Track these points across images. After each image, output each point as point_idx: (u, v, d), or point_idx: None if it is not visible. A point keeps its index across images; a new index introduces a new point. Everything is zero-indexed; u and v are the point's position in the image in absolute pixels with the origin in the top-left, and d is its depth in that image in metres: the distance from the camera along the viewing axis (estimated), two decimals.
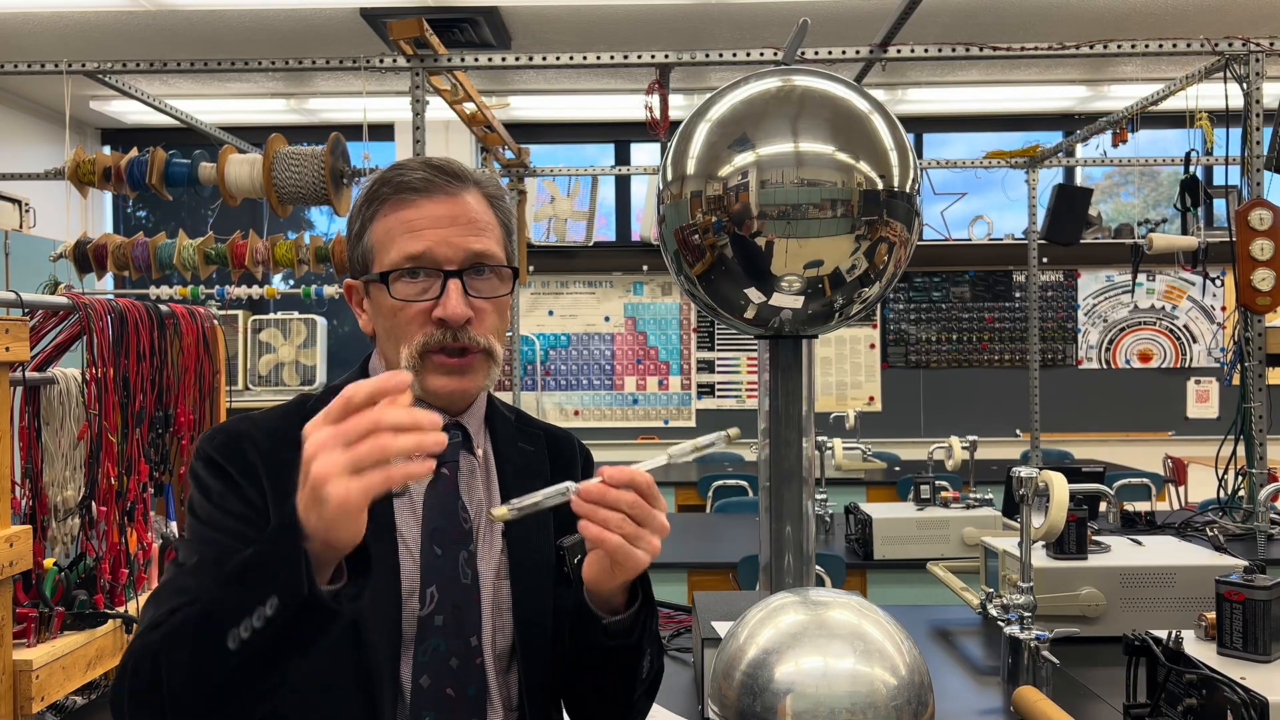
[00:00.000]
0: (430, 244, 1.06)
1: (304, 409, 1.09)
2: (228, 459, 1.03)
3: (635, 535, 0.96)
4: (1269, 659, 1.48)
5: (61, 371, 1.99)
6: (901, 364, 6.75)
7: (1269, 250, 3.14)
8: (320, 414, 0.83)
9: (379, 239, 1.09)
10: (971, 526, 2.94)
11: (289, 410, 1.10)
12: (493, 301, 1.10)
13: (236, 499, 1.02)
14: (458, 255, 1.07)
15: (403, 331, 1.07)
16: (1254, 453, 3.25)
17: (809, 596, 1.13)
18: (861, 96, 1.37)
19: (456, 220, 1.08)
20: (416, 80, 3.35)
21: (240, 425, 1.07)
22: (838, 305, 1.37)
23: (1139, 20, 4.98)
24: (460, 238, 1.07)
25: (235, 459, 1.03)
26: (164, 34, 5.02)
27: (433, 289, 1.06)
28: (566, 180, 6.43)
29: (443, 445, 0.84)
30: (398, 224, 1.07)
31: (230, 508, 1.01)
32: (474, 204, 1.10)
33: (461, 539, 1.09)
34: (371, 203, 1.10)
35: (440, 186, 1.08)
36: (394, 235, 1.07)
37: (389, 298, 1.07)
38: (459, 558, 1.08)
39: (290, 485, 0.96)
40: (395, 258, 1.06)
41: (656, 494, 0.98)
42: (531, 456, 1.20)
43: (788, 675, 1.02)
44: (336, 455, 0.80)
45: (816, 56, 3.39)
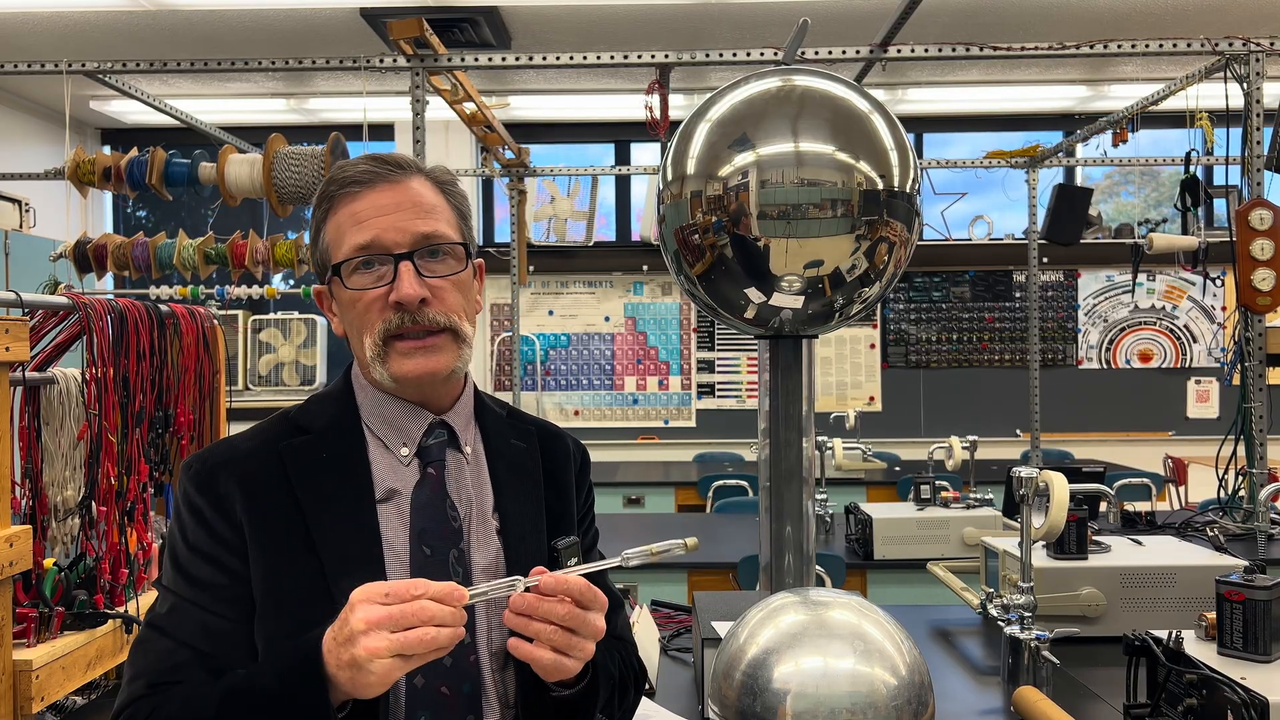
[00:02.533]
0: (377, 231, 1.07)
1: (286, 422, 1.12)
2: (201, 492, 1.05)
3: (566, 645, 0.95)
4: (1269, 659, 1.48)
5: (61, 371, 1.99)
6: (901, 364, 6.75)
7: (1269, 250, 3.13)
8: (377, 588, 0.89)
9: (332, 237, 1.10)
10: (972, 526, 2.94)
11: (269, 428, 1.11)
12: (451, 280, 1.10)
13: (207, 538, 1.04)
14: (405, 238, 1.07)
15: (363, 321, 1.08)
16: (1254, 453, 3.25)
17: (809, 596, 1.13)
18: (861, 96, 1.37)
19: (401, 206, 1.08)
20: (416, 80, 3.35)
21: (217, 453, 1.08)
22: (838, 305, 1.37)
23: (1139, 20, 4.98)
24: (407, 221, 1.07)
25: (208, 492, 1.05)
26: (164, 34, 5.02)
27: (386, 275, 1.07)
28: (566, 180, 6.42)
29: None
30: (346, 218, 1.08)
31: (201, 548, 1.04)
32: (420, 189, 1.10)
33: (451, 537, 1.09)
34: (322, 204, 1.11)
35: (383, 176, 1.09)
36: (344, 230, 1.08)
37: (343, 291, 1.08)
38: (449, 556, 1.08)
39: (270, 508, 1.03)
40: (346, 250, 1.07)
41: (593, 596, 0.97)
42: (524, 453, 1.20)
43: (788, 675, 1.02)
44: (385, 637, 0.86)
45: (816, 56, 3.39)
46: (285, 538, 1.03)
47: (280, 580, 1.02)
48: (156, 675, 1.01)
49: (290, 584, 1.02)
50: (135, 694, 1.01)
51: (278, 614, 1.01)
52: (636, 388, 6.81)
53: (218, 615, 1.02)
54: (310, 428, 1.10)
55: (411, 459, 1.11)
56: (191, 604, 1.03)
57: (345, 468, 1.08)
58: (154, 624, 1.04)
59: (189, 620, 1.02)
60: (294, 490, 1.05)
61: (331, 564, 1.02)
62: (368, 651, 0.86)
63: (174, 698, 0.98)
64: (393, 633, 0.86)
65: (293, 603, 1.01)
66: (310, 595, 1.01)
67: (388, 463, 1.10)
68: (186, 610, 1.02)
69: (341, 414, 1.12)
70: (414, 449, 1.11)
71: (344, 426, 1.11)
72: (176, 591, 1.04)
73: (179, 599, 1.04)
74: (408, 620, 0.86)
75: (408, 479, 1.10)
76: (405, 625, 0.86)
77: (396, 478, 1.10)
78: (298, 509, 1.04)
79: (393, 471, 1.10)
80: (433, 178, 1.14)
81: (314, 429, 1.10)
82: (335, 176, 1.10)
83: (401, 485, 1.09)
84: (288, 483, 1.05)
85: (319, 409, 1.13)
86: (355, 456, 1.09)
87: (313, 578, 1.02)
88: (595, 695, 1.07)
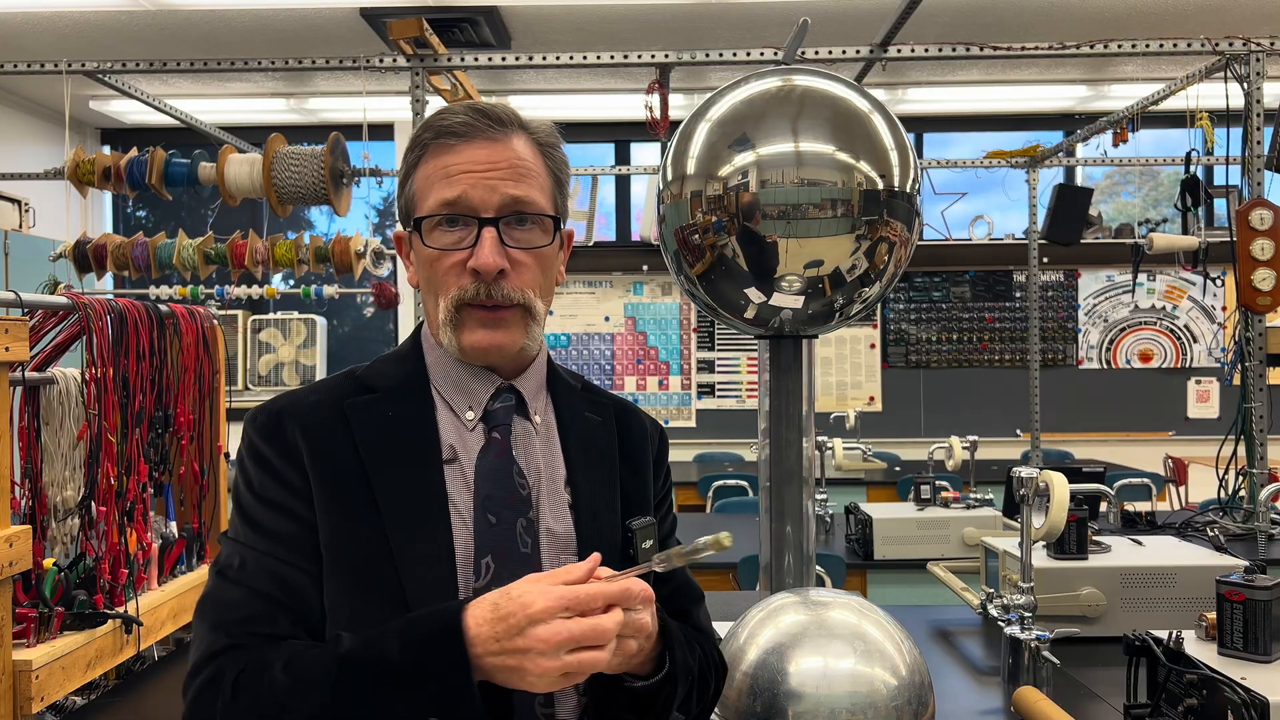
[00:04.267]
0: (465, 188, 1.01)
1: (353, 380, 1.08)
2: (268, 441, 1.02)
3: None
4: (1269, 659, 1.48)
5: (61, 371, 1.99)
6: (902, 364, 6.75)
7: (1269, 250, 3.13)
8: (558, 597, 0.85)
9: (420, 186, 1.05)
10: (972, 526, 2.93)
11: (334, 384, 1.08)
12: (533, 254, 1.04)
13: (276, 486, 1.01)
14: (494, 201, 1.02)
15: (439, 283, 1.04)
16: (1254, 453, 3.25)
17: (809, 597, 1.13)
18: (862, 96, 1.37)
19: (496, 165, 1.02)
20: (416, 80, 3.35)
21: (282, 403, 1.05)
22: (838, 305, 1.37)
23: (1139, 20, 4.98)
24: (499, 182, 1.02)
25: (275, 440, 1.02)
26: (164, 34, 5.02)
27: (467, 238, 1.02)
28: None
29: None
30: (436, 170, 1.03)
31: (270, 496, 1.01)
32: (520, 148, 1.05)
33: (518, 506, 1.04)
34: (414, 149, 1.06)
35: (482, 131, 1.03)
36: (432, 182, 1.03)
37: (424, 247, 1.04)
38: (517, 525, 1.03)
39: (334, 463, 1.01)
40: (432, 204, 1.03)
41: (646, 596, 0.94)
42: (598, 427, 1.15)
43: (788, 675, 1.02)
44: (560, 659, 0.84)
45: (816, 56, 3.39)
46: (349, 494, 0.99)
47: (342, 536, 0.99)
48: (236, 626, 0.96)
49: (352, 541, 0.99)
50: (216, 646, 0.95)
51: (338, 570, 0.98)
52: (636, 388, 6.81)
53: (292, 566, 0.98)
54: (376, 386, 1.06)
55: (476, 423, 1.06)
56: (264, 554, 0.98)
57: (411, 427, 1.04)
58: (224, 574, 1.00)
59: (261, 571, 0.98)
60: (357, 447, 1.01)
61: (394, 524, 0.99)
62: (540, 670, 0.84)
63: (272, 657, 0.92)
64: (569, 654, 0.84)
65: (355, 560, 0.98)
66: (372, 553, 0.98)
67: (453, 426, 1.06)
68: (259, 560, 0.98)
69: (409, 374, 1.08)
70: (479, 413, 1.07)
71: (411, 387, 1.07)
72: (246, 543, 1.00)
73: (249, 550, 0.99)
74: (588, 641, 0.84)
75: (472, 443, 1.06)
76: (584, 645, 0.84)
77: (460, 441, 1.06)
78: (360, 466, 1.00)
79: (457, 435, 1.06)
80: (535, 137, 1.07)
81: (380, 388, 1.06)
82: (432, 123, 1.04)
83: (465, 448, 1.05)
84: (352, 439, 1.01)
85: (387, 369, 1.09)
86: (422, 417, 1.05)
87: (374, 536, 0.98)
88: (674, 690, 1.01)
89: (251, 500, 1.01)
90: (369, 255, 3.58)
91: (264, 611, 0.96)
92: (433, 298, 1.05)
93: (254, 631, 0.96)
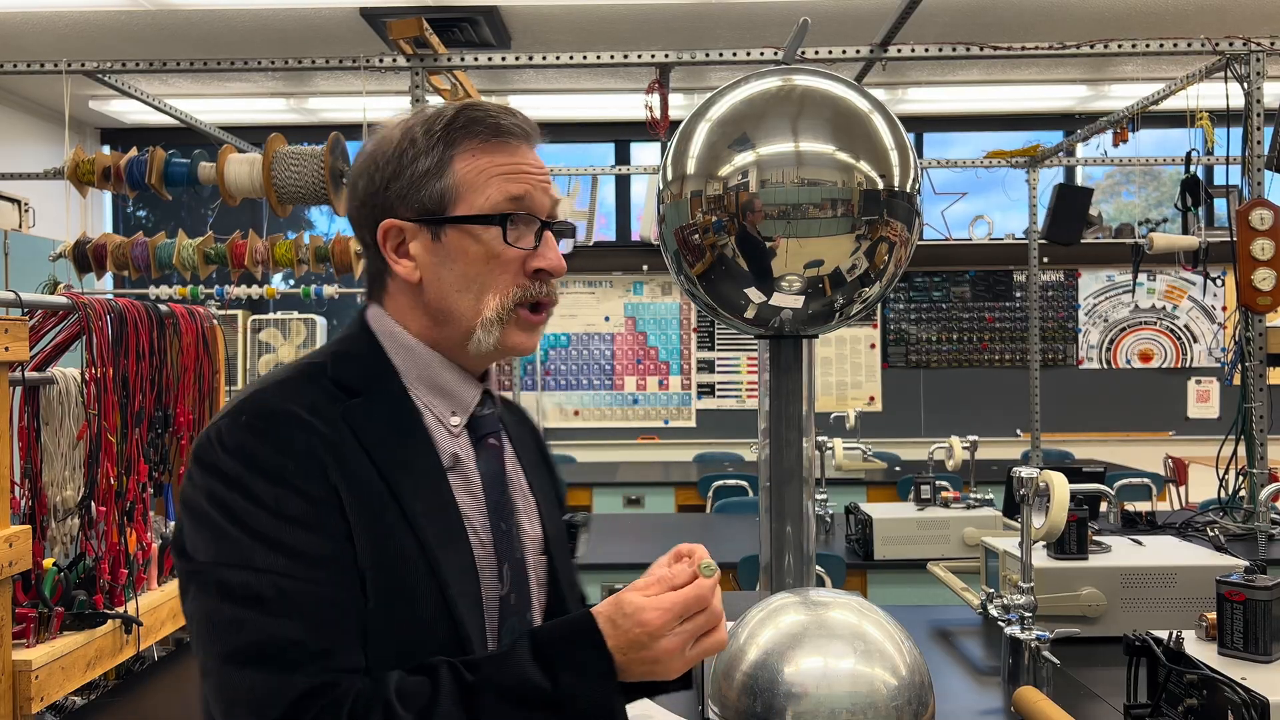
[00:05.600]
0: (529, 189, 1.00)
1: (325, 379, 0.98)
2: (281, 451, 0.90)
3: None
4: (1269, 659, 1.48)
5: (61, 371, 1.99)
6: (902, 364, 6.75)
7: (1270, 250, 3.13)
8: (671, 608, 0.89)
9: (467, 178, 0.98)
10: (972, 526, 2.93)
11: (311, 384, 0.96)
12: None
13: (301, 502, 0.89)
14: (548, 205, 1.02)
15: (495, 281, 0.99)
16: (1254, 453, 3.25)
17: (809, 597, 1.13)
18: (862, 96, 1.37)
19: (544, 171, 1.03)
20: (416, 80, 3.35)
21: (274, 405, 0.93)
22: (838, 305, 1.37)
23: (1139, 20, 4.98)
24: (549, 187, 1.03)
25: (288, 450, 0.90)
26: (164, 34, 5.02)
27: (526, 238, 1.00)
28: (566, 180, 6.42)
29: None
30: (493, 165, 0.99)
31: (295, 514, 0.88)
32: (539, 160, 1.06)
33: (512, 511, 1.05)
34: (455, 139, 0.98)
35: (530, 137, 1.03)
36: (490, 176, 0.98)
37: (478, 243, 0.98)
38: (513, 531, 1.04)
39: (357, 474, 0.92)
40: (497, 200, 0.98)
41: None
42: (522, 426, 1.17)
43: (788, 675, 1.02)
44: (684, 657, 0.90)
45: (816, 56, 3.39)
46: (380, 509, 0.92)
47: (385, 554, 0.91)
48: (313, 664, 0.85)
49: (395, 559, 0.92)
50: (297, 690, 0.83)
51: (382, 590, 0.90)
52: (636, 388, 6.81)
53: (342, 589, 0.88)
54: (356, 389, 0.97)
55: (462, 429, 1.03)
56: (308, 581, 0.87)
57: (411, 435, 0.99)
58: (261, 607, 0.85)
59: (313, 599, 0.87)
60: (371, 458, 0.93)
61: (429, 537, 0.94)
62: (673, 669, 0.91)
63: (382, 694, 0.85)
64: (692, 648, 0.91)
65: (399, 580, 0.92)
66: (416, 571, 0.92)
67: (442, 432, 1.01)
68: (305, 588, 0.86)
69: (381, 376, 1.00)
70: (464, 418, 1.03)
71: (390, 390, 1.00)
72: (279, 571, 0.86)
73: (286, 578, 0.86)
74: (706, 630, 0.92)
75: (463, 449, 1.02)
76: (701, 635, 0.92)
77: (456, 447, 1.02)
78: (380, 477, 0.93)
79: (449, 441, 1.01)
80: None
81: (362, 391, 0.97)
82: (479, 118, 0.99)
83: (464, 455, 1.02)
84: (362, 448, 0.93)
85: (355, 369, 0.99)
86: (414, 423, 0.99)
87: (413, 552, 0.93)
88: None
89: (270, 520, 0.88)
90: None
91: (339, 644, 0.87)
92: (476, 295, 0.99)
93: (339, 667, 0.86)
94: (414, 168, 0.98)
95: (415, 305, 1.01)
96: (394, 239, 1.00)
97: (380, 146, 1.00)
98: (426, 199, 0.98)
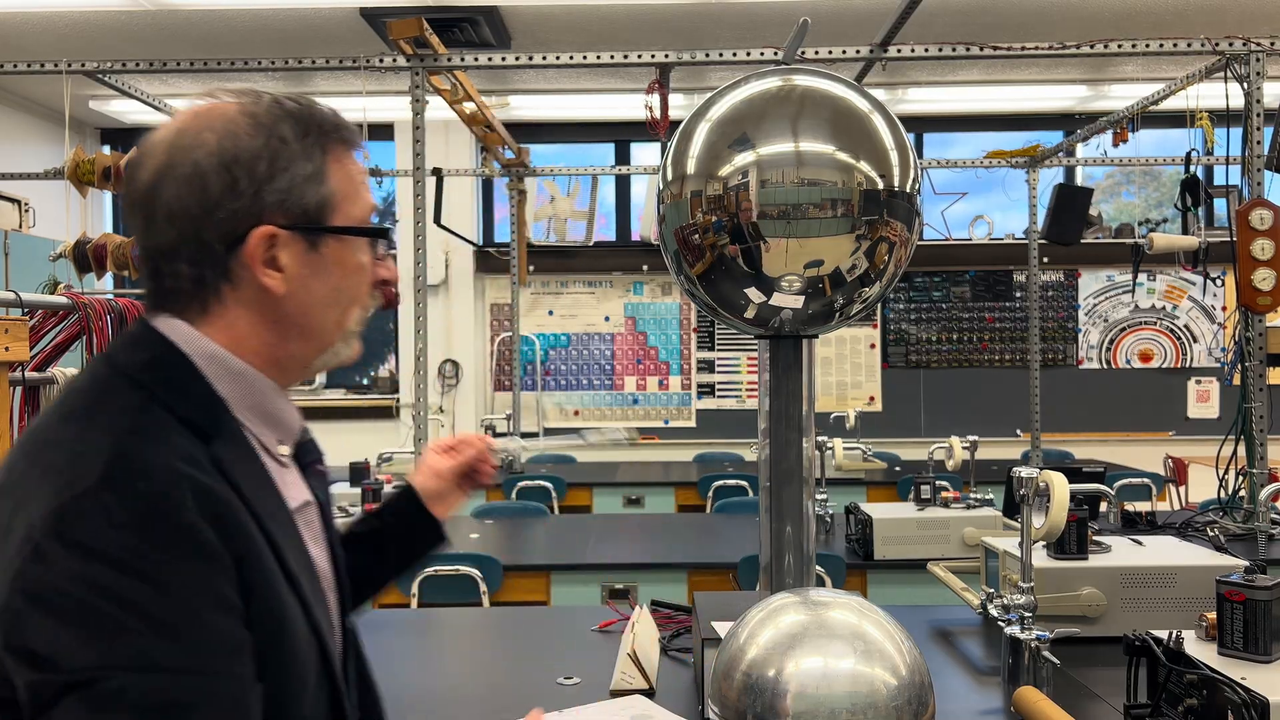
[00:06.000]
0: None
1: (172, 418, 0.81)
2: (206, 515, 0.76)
3: None
4: (1269, 659, 1.48)
5: (61, 371, 1.99)
6: (902, 364, 6.75)
7: (1269, 250, 3.13)
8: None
9: (341, 186, 0.90)
10: (972, 526, 2.93)
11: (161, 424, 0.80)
12: None
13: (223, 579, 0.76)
14: None
15: (360, 293, 0.93)
16: (1254, 453, 3.25)
17: (809, 597, 1.13)
18: (862, 96, 1.37)
19: None
20: (416, 80, 3.35)
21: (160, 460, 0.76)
22: (838, 305, 1.37)
23: (1139, 20, 4.98)
24: None
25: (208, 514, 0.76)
26: (164, 34, 5.02)
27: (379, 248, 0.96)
28: (566, 180, 6.43)
29: None
30: (357, 172, 0.93)
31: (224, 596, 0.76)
32: None
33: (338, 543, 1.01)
34: (327, 143, 0.90)
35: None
36: (358, 187, 0.93)
37: (354, 254, 0.91)
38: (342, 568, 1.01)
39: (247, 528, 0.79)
40: (365, 211, 0.93)
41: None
42: None
43: (788, 675, 1.02)
44: None
45: (816, 56, 3.39)
46: (272, 573, 0.81)
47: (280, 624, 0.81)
48: None
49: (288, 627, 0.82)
50: None
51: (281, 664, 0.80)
52: (636, 388, 6.81)
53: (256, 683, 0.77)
54: (204, 427, 0.82)
55: (290, 459, 0.94)
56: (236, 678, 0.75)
57: (263, 477, 0.87)
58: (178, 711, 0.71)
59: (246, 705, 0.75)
60: (252, 511, 0.81)
61: (308, 595, 0.86)
62: None
63: None
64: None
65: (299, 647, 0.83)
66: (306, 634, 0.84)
67: (275, 468, 0.90)
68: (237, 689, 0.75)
69: (212, 410, 0.85)
70: (291, 446, 0.94)
71: (222, 422, 0.85)
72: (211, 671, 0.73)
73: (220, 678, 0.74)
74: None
75: (294, 483, 0.93)
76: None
77: (292, 484, 0.92)
78: (263, 534, 0.82)
79: (282, 476, 0.90)
80: None
81: (209, 430, 0.83)
82: (336, 121, 0.92)
83: (303, 493, 0.94)
84: (243, 501, 0.81)
85: (189, 403, 0.83)
86: (261, 463, 0.87)
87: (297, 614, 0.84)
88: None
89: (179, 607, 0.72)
90: None
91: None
92: (341, 309, 0.91)
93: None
94: (294, 171, 0.87)
95: (262, 322, 0.87)
96: (265, 249, 0.86)
97: (230, 143, 0.86)
98: (309, 206, 0.88)
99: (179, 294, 0.86)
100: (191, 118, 0.88)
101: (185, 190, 0.84)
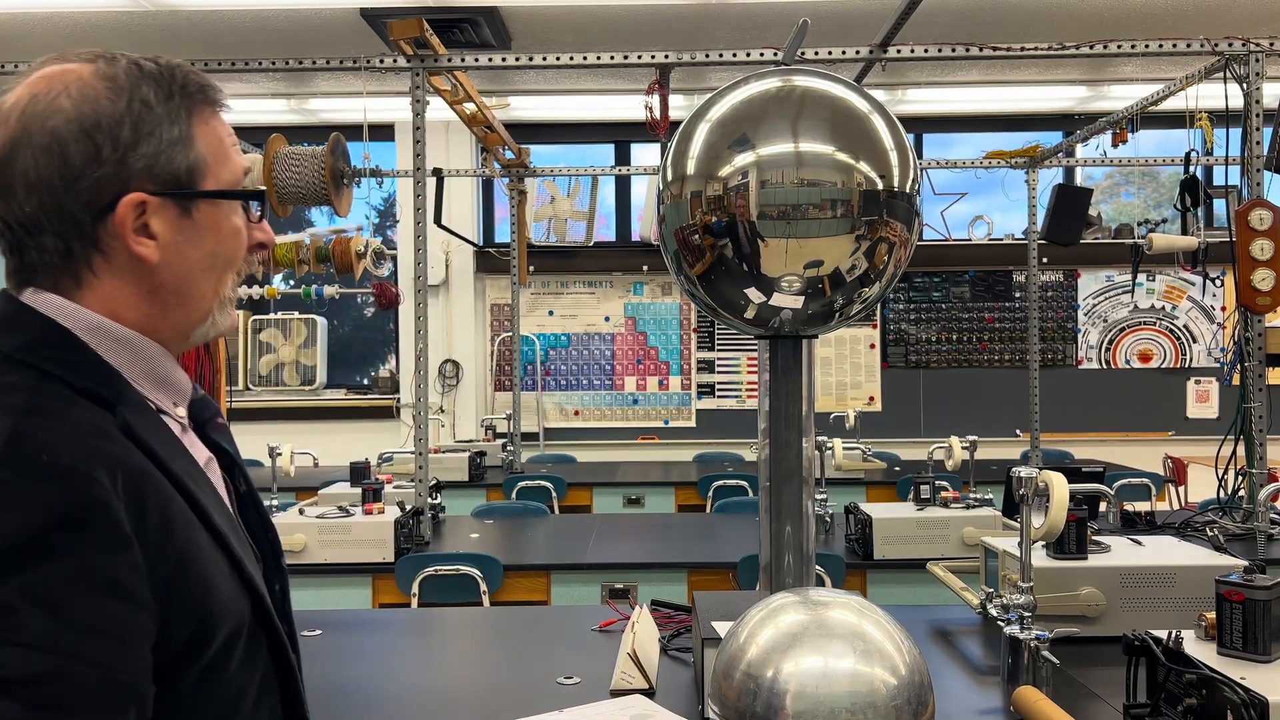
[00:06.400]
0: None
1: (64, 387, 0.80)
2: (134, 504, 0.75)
3: None
4: (1269, 659, 1.48)
5: None
6: (901, 364, 6.75)
7: (1269, 250, 3.13)
8: None
9: (211, 148, 0.88)
10: (971, 526, 2.94)
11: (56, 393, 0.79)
12: None
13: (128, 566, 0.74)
14: None
15: (235, 258, 0.91)
16: (1254, 453, 3.25)
17: (809, 596, 1.13)
18: (861, 97, 1.37)
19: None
20: (416, 80, 3.35)
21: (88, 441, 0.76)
22: (838, 305, 1.37)
23: (1139, 20, 4.98)
24: None
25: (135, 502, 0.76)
26: (164, 34, 5.02)
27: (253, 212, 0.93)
28: (566, 180, 6.43)
29: None
30: (226, 135, 0.91)
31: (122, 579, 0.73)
32: None
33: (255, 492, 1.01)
34: (192, 105, 0.87)
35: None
36: (227, 148, 0.90)
37: (229, 218, 0.89)
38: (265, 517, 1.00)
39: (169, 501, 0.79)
40: (236, 173, 0.90)
41: None
42: None
43: (788, 675, 1.03)
44: None
45: (816, 57, 3.39)
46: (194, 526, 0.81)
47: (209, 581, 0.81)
48: None
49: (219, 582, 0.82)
50: None
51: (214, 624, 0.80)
52: (636, 388, 6.81)
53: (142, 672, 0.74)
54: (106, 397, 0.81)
55: (186, 420, 0.93)
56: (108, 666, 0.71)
57: (173, 441, 0.86)
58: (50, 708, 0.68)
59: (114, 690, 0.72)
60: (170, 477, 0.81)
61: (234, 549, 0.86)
62: None
63: None
64: None
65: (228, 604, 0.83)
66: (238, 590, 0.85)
67: (177, 428, 0.90)
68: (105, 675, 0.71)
69: (100, 374, 0.83)
70: (185, 406, 0.92)
71: (117, 388, 0.83)
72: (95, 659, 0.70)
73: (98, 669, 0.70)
74: None
75: (198, 445, 0.93)
76: None
77: (194, 445, 0.92)
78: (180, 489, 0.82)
79: (184, 438, 0.90)
80: None
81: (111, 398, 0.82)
82: (200, 81, 0.88)
83: (203, 452, 0.93)
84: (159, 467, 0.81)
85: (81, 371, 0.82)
86: (161, 424, 0.87)
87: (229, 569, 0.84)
88: None
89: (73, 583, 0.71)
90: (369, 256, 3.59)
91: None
92: (217, 275, 0.90)
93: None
94: (159, 135, 0.84)
95: (138, 293, 0.85)
96: (135, 216, 0.83)
97: (89, 108, 0.81)
98: (178, 171, 0.85)
99: (47, 268, 0.83)
100: (43, 82, 0.82)
101: (44, 160, 0.80)
